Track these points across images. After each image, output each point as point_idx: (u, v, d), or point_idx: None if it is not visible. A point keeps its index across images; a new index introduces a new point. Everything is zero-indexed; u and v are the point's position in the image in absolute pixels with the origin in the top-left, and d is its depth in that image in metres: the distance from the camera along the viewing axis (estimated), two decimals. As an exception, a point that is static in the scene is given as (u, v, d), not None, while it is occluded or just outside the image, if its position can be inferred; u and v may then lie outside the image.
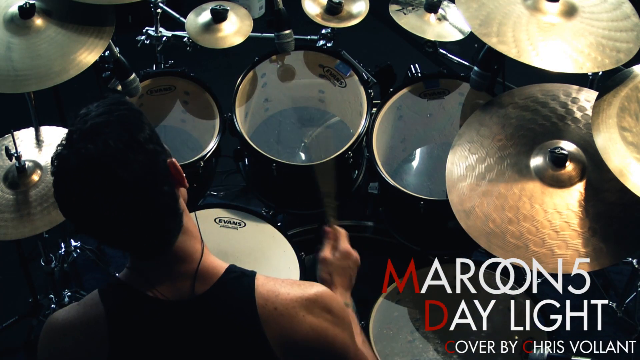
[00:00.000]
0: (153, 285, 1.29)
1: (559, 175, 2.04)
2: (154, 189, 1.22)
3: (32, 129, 2.35)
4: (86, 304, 1.33)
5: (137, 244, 1.27)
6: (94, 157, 1.18)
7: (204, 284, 1.30)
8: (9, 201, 2.17)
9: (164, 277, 1.30)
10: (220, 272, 1.32)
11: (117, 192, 1.18)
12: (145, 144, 1.22)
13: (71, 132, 1.24)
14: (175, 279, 1.30)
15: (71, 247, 2.88)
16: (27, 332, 2.80)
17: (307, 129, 2.86)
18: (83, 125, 1.23)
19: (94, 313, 1.30)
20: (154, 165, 1.23)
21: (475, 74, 2.33)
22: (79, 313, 1.33)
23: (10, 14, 2.34)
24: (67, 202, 1.23)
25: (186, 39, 3.01)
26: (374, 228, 2.77)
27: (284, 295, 1.32)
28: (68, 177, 1.20)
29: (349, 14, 2.77)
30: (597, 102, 2.00)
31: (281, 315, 1.30)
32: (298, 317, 1.31)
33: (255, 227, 2.45)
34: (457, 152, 2.16)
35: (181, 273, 1.30)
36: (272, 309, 1.30)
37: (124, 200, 1.19)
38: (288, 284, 1.35)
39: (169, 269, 1.30)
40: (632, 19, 2.17)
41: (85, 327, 1.31)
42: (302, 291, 1.34)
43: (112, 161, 1.18)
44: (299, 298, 1.32)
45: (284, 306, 1.31)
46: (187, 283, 1.30)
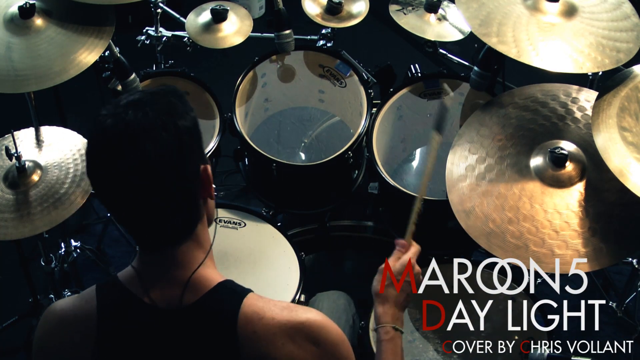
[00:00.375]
0: (146, 288, 1.28)
1: (559, 175, 2.04)
2: (174, 178, 1.21)
3: (32, 129, 2.35)
4: (83, 297, 1.34)
5: (140, 229, 1.26)
6: (128, 123, 1.19)
7: (194, 294, 1.28)
8: (9, 201, 2.17)
9: (158, 281, 1.29)
10: (212, 284, 1.29)
11: (138, 163, 1.18)
12: (182, 134, 1.21)
13: (120, 98, 1.24)
14: (169, 285, 1.28)
15: (71, 247, 2.88)
16: (27, 332, 2.80)
17: (307, 129, 2.87)
18: (133, 95, 1.24)
19: (87, 308, 1.31)
20: (182, 156, 1.21)
21: (475, 74, 2.33)
22: (74, 306, 1.34)
23: (10, 14, 2.34)
24: (92, 161, 1.22)
25: (186, 39, 3.01)
26: (374, 228, 2.77)
27: (267, 319, 1.27)
28: (100, 136, 1.21)
29: (349, 14, 2.77)
30: (597, 102, 2.00)
31: (259, 340, 1.26)
32: (276, 344, 1.26)
33: (255, 227, 2.45)
34: (457, 152, 2.16)
35: (175, 280, 1.28)
36: (252, 331, 1.26)
37: (142, 175, 1.18)
38: (279, 308, 1.29)
39: (165, 272, 1.29)
40: (632, 19, 2.17)
41: (77, 320, 1.32)
42: (289, 317, 1.28)
43: (142, 132, 1.18)
44: (282, 324, 1.27)
45: (263, 331, 1.26)
46: (178, 291, 1.28)
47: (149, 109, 1.20)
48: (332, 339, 1.31)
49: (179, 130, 1.21)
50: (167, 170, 1.20)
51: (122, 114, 1.20)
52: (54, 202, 2.16)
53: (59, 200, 2.17)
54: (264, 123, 2.86)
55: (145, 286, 1.28)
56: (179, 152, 1.20)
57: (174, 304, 1.27)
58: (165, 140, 1.19)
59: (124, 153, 1.18)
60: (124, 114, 1.19)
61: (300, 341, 1.27)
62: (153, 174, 1.18)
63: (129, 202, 1.21)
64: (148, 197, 1.20)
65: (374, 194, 2.54)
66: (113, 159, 1.19)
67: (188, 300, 1.27)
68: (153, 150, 1.18)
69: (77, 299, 1.35)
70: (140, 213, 1.22)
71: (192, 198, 1.26)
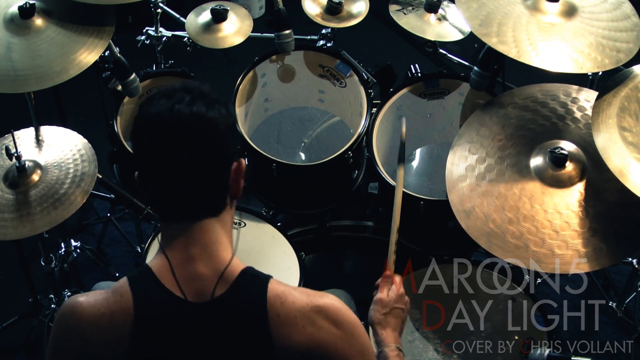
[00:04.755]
0: (179, 282, 1.31)
1: (559, 175, 2.04)
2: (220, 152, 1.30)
3: (32, 128, 2.35)
4: (115, 291, 1.33)
5: (181, 196, 1.30)
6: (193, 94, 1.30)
7: (223, 285, 1.32)
8: (9, 201, 2.17)
9: (189, 271, 1.32)
10: (237, 273, 1.34)
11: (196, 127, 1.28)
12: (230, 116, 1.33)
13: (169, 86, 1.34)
14: (199, 280, 1.32)
15: (71, 247, 2.88)
16: (27, 332, 2.80)
17: (307, 129, 2.87)
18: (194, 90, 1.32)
19: (123, 302, 1.31)
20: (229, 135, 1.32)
21: (475, 74, 2.33)
22: (107, 301, 1.32)
23: (10, 14, 2.34)
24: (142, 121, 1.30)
25: (186, 39, 3.01)
26: (374, 228, 2.77)
27: (289, 302, 1.32)
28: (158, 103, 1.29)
29: (349, 14, 2.77)
30: (597, 102, 2.00)
31: (282, 323, 1.31)
32: (297, 326, 1.32)
33: (255, 227, 2.45)
34: (457, 152, 2.16)
35: (205, 275, 1.32)
36: (275, 315, 1.31)
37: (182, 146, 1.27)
38: (298, 292, 1.35)
39: (195, 258, 1.32)
40: (632, 19, 2.17)
41: (112, 316, 1.31)
42: (308, 300, 1.34)
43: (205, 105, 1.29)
44: (303, 307, 1.33)
45: (285, 314, 1.31)
46: (208, 285, 1.32)
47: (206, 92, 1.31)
48: (351, 321, 1.37)
49: (225, 109, 1.32)
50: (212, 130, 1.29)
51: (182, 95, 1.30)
52: (54, 202, 2.16)
53: (58, 200, 2.16)
54: (264, 123, 2.86)
55: (175, 275, 1.32)
56: (222, 122, 1.31)
57: (206, 298, 1.31)
58: (215, 108, 1.30)
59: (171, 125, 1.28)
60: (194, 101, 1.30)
61: (320, 322, 1.33)
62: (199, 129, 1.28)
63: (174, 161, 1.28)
64: (190, 154, 1.28)
65: (374, 194, 2.54)
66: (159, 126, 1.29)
67: (218, 292, 1.32)
68: (204, 109, 1.29)
69: (106, 294, 1.34)
70: (181, 175, 1.29)
71: (224, 177, 1.33)
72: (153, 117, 1.29)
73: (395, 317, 1.74)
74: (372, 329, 1.73)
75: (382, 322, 1.72)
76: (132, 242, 3.16)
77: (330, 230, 2.74)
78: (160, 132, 1.28)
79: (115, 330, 1.30)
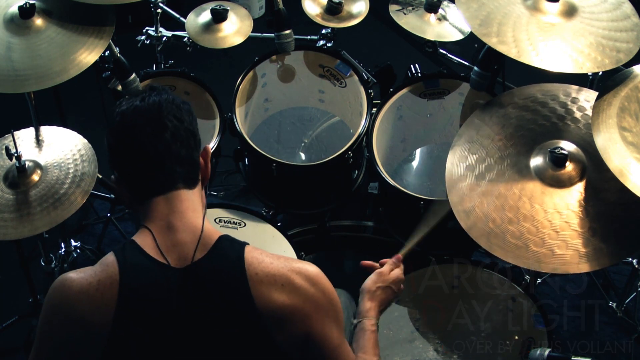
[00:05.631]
0: (161, 249, 1.41)
1: (559, 175, 2.04)
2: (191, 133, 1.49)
3: (32, 128, 2.35)
4: (102, 262, 1.42)
5: (161, 171, 1.45)
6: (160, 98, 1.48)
7: (203, 249, 1.42)
8: (9, 201, 2.17)
9: (171, 242, 1.41)
10: (215, 238, 1.43)
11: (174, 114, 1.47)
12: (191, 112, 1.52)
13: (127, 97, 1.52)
14: (180, 246, 1.41)
15: (71, 247, 2.88)
16: (27, 332, 2.80)
17: (307, 129, 2.87)
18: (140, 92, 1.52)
19: (109, 272, 1.39)
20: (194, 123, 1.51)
21: (475, 74, 2.33)
22: (95, 272, 1.41)
23: (10, 14, 2.34)
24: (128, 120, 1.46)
25: (186, 39, 3.02)
26: (374, 228, 2.77)
27: (266, 263, 1.41)
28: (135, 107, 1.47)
29: (349, 14, 2.77)
30: (597, 102, 2.00)
31: (261, 281, 1.39)
32: (277, 284, 1.40)
33: (255, 227, 2.45)
34: (457, 152, 2.16)
35: (185, 241, 1.42)
36: (254, 273, 1.39)
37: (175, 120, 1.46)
38: (275, 256, 1.44)
39: (175, 236, 1.42)
40: (632, 19, 2.17)
41: (99, 285, 1.38)
42: (286, 263, 1.44)
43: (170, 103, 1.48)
44: (281, 267, 1.42)
45: (264, 273, 1.40)
46: (188, 250, 1.41)
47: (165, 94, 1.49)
48: (328, 286, 1.47)
49: (189, 108, 1.52)
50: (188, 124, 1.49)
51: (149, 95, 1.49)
52: (54, 202, 2.16)
53: (59, 200, 2.16)
54: (264, 123, 2.86)
55: (158, 244, 1.41)
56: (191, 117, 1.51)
57: (187, 261, 1.40)
58: (187, 110, 1.51)
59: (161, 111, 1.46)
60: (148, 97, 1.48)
61: (299, 281, 1.42)
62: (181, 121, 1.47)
63: (160, 147, 1.44)
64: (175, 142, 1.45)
65: (374, 194, 2.54)
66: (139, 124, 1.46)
67: (197, 256, 1.41)
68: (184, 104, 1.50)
69: (94, 267, 1.42)
70: (169, 156, 1.44)
71: (196, 154, 1.50)
72: (128, 110, 1.46)
73: (386, 295, 1.82)
74: (360, 296, 1.80)
75: (373, 294, 1.79)
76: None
77: (330, 230, 2.74)
78: (139, 115, 1.44)
79: (102, 296, 1.37)
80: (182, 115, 1.47)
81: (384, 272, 1.84)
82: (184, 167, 1.46)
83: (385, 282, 1.82)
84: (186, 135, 1.47)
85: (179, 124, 1.46)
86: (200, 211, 1.47)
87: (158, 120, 1.44)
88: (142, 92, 1.49)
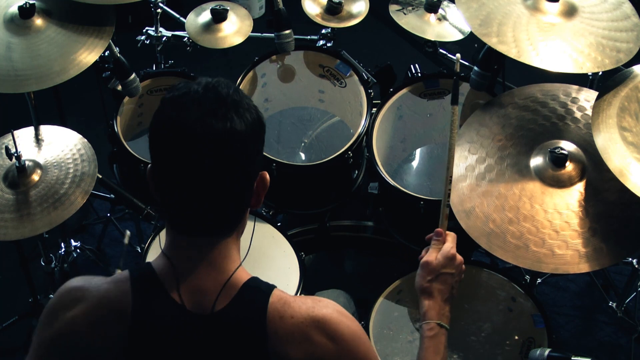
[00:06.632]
0: (179, 286, 1.28)
1: (559, 175, 2.04)
2: (244, 161, 1.24)
3: (32, 128, 2.35)
4: (117, 282, 1.29)
5: (195, 209, 1.24)
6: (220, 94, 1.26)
7: (224, 299, 1.29)
8: (9, 201, 2.17)
9: (193, 280, 1.28)
10: (239, 286, 1.30)
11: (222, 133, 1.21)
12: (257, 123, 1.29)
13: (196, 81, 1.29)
14: (202, 293, 1.28)
15: (71, 247, 2.88)
16: (27, 332, 2.80)
17: (307, 129, 2.87)
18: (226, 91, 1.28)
19: (124, 299, 1.27)
20: (255, 142, 1.27)
21: (475, 74, 2.33)
22: (108, 291, 1.29)
23: (10, 14, 2.34)
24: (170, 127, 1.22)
25: (186, 39, 3.02)
26: (374, 228, 2.77)
27: (287, 318, 1.28)
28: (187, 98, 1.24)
29: (349, 14, 2.77)
30: (597, 102, 2.00)
31: (280, 340, 1.28)
32: (295, 343, 1.28)
33: (255, 227, 2.45)
34: (457, 152, 2.16)
35: (208, 289, 1.29)
36: (274, 332, 1.28)
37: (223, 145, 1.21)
38: (297, 304, 1.30)
39: (200, 270, 1.28)
40: (632, 19, 2.17)
41: (111, 304, 1.27)
42: (306, 314, 1.29)
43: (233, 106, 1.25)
44: (300, 322, 1.28)
45: (283, 330, 1.28)
46: (210, 299, 1.28)
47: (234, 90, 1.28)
48: (350, 334, 1.31)
49: (257, 117, 1.29)
50: (244, 148, 1.23)
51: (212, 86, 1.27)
52: (54, 202, 2.16)
53: (59, 201, 2.16)
54: (263, 123, 2.86)
55: (179, 283, 1.28)
56: (254, 135, 1.26)
57: (207, 310, 1.28)
58: (248, 120, 1.25)
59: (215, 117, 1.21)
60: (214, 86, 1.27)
61: (317, 338, 1.28)
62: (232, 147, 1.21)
63: (198, 176, 1.21)
64: (218, 171, 1.21)
65: (374, 194, 2.54)
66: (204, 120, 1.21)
67: (219, 305, 1.28)
68: (238, 124, 1.23)
69: (108, 284, 1.30)
70: (203, 190, 1.22)
71: (247, 194, 1.28)
72: (180, 125, 1.21)
73: (443, 284, 1.59)
74: (419, 298, 1.61)
75: (427, 290, 1.58)
76: (132, 242, 3.16)
77: (330, 230, 2.74)
78: (189, 143, 1.20)
79: (114, 324, 1.27)
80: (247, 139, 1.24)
81: (430, 261, 1.61)
82: (226, 215, 1.27)
83: (434, 271, 1.60)
84: (244, 164, 1.25)
85: (241, 153, 1.23)
86: (235, 255, 1.31)
87: (219, 154, 1.21)
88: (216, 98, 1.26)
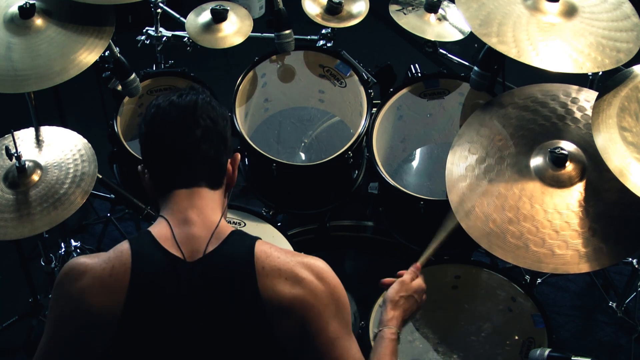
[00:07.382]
0: (178, 242, 1.42)
1: (559, 175, 2.04)
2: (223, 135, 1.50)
3: (32, 128, 2.35)
4: (116, 249, 1.43)
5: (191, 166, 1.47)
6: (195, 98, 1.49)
7: (214, 243, 1.43)
8: (9, 201, 2.17)
9: (187, 236, 1.43)
10: (227, 233, 1.45)
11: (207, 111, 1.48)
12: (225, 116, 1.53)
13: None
14: (194, 239, 1.43)
15: (71, 247, 2.88)
16: (27, 332, 2.80)
17: (307, 129, 2.87)
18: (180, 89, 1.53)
19: (123, 259, 1.40)
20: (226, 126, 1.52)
21: (475, 74, 2.33)
22: (109, 257, 1.42)
23: (10, 14, 2.33)
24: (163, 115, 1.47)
25: (186, 39, 3.02)
26: (374, 228, 2.77)
27: (274, 257, 1.43)
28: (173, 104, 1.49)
29: (349, 14, 2.77)
30: (597, 102, 2.00)
31: (267, 275, 1.40)
32: (282, 277, 1.41)
33: (255, 227, 2.45)
34: (457, 152, 2.16)
35: (199, 235, 1.44)
36: (261, 267, 1.41)
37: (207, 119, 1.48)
38: (284, 251, 1.46)
39: (191, 229, 1.44)
40: (632, 19, 2.17)
41: (112, 271, 1.39)
42: (293, 257, 1.45)
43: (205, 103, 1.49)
44: (288, 261, 1.43)
45: (270, 266, 1.41)
46: (202, 244, 1.43)
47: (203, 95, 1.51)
48: (333, 281, 1.47)
49: (225, 113, 1.53)
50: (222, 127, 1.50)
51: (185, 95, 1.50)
52: (54, 202, 2.16)
53: (59, 200, 2.16)
54: (264, 123, 2.86)
55: (175, 237, 1.43)
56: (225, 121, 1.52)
57: (200, 254, 1.42)
58: (222, 114, 1.52)
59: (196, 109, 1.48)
60: (186, 95, 1.50)
61: (304, 273, 1.43)
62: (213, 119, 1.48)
63: (189, 142, 1.46)
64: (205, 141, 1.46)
65: (374, 194, 2.54)
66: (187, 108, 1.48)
67: (210, 248, 1.43)
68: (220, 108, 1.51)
69: (110, 253, 1.43)
70: (197, 152, 1.46)
71: (225, 164, 1.52)
72: (164, 103, 1.47)
73: (409, 304, 1.80)
74: (383, 306, 1.79)
75: (396, 303, 1.78)
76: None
77: (330, 230, 2.74)
78: (174, 109, 1.46)
79: (115, 283, 1.39)
80: (216, 117, 1.49)
81: (406, 281, 1.83)
82: (209, 167, 1.49)
83: (407, 291, 1.82)
84: (217, 137, 1.49)
85: (212, 125, 1.48)
86: (218, 210, 1.49)
87: (192, 116, 1.46)
88: (182, 89, 1.52)
